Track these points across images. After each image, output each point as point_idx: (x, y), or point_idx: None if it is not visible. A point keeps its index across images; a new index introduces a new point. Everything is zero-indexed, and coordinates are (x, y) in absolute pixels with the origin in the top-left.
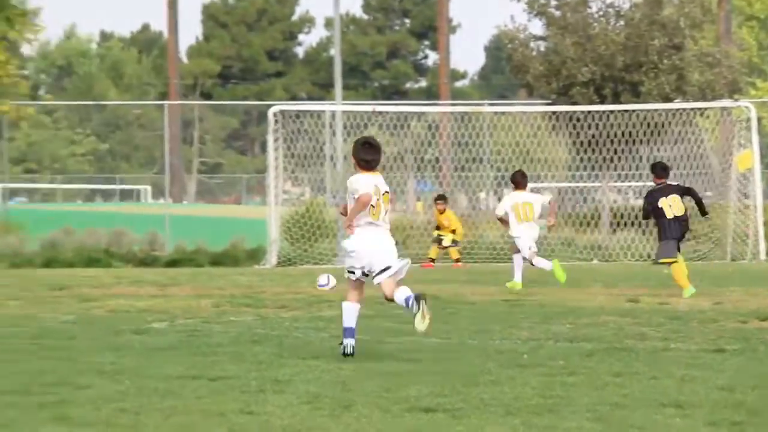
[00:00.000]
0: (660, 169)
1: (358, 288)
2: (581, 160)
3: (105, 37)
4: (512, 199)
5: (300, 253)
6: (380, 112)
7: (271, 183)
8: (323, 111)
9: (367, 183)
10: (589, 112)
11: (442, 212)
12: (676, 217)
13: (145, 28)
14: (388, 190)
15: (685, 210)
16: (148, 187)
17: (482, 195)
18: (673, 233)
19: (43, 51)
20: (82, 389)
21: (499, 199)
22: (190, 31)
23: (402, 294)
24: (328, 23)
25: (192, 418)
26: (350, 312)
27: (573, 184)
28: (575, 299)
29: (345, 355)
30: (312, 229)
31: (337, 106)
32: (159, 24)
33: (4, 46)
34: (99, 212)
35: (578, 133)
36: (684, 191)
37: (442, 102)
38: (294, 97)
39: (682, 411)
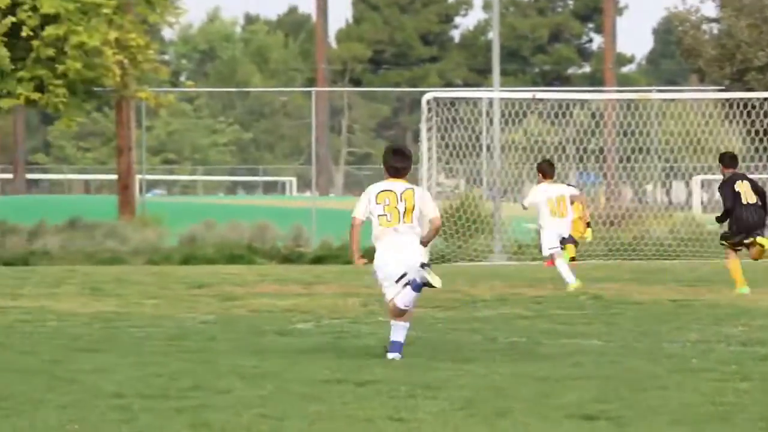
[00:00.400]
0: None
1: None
2: (756, 150)
3: (250, 20)
4: (545, 192)
5: (454, 250)
6: (540, 100)
7: (424, 175)
8: (480, 98)
9: (364, 201)
10: (766, 99)
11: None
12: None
13: (293, 10)
14: (410, 186)
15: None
16: (293, 179)
17: (649, 188)
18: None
19: (184, 35)
20: (221, 393)
21: (668, 192)
22: (340, 13)
23: (401, 294)
24: (486, 5)
25: (337, 424)
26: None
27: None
28: (749, 299)
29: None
30: (467, 223)
31: (494, 93)
32: (307, 6)
33: (144, 30)
34: (241, 205)
35: (753, 122)
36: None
37: (607, 89)
38: (449, 84)
39: None
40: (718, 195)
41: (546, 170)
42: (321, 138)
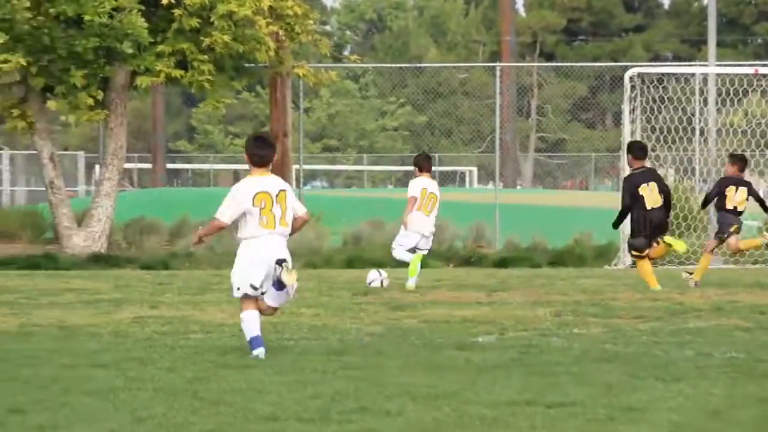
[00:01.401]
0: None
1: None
2: None
3: None
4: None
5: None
6: (764, 75)
7: (626, 163)
8: (692, 74)
9: (233, 204)
10: None
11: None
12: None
13: None
14: (284, 188)
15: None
16: (474, 169)
17: None
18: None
19: (349, 3)
20: (390, 416)
21: None
22: None
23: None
24: None
25: None
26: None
27: None
28: None
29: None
30: (677, 220)
31: (709, 68)
32: None
33: None
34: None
35: None
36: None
37: None
38: (656, 58)
39: None
40: None
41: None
42: (506, 121)
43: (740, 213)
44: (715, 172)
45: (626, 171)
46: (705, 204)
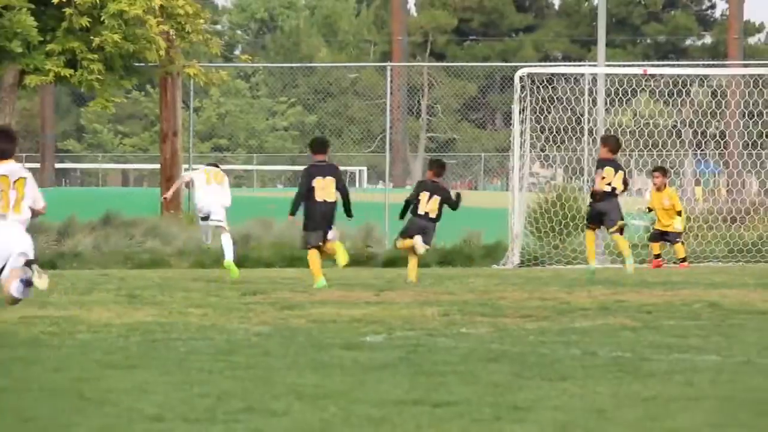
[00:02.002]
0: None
1: None
2: None
3: None
4: None
5: (549, 251)
6: (653, 76)
7: (516, 164)
8: (582, 74)
9: None
10: None
11: (660, 189)
12: None
13: None
14: (24, 175)
15: None
16: (364, 169)
17: None
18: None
19: (240, 2)
20: (277, 416)
21: None
22: None
23: (14, 284)
24: None
25: None
26: None
27: None
28: None
29: None
30: (564, 220)
31: (599, 68)
32: None
33: None
34: None
35: None
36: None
37: (731, 63)
38: (546, 58)
39: None
40: None
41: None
42: (397, 121)
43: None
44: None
45: (516, 171)
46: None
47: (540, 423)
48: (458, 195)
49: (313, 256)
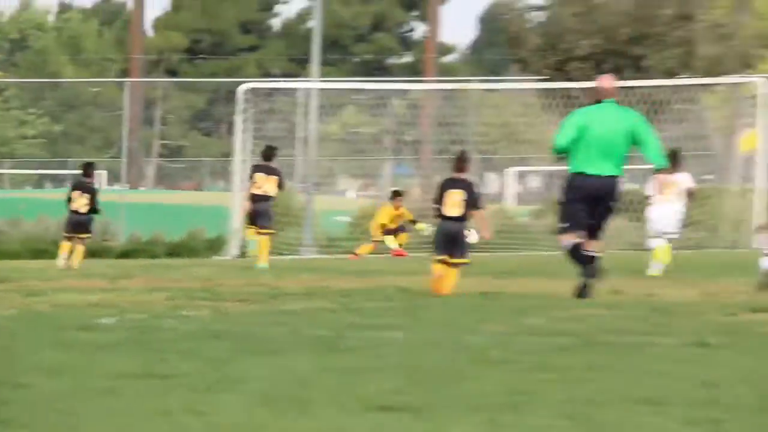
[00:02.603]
0: None
1: None
2: None
3: (63, 8)
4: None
5: None
6: (359, 90)
7: (237, 167)
8: (297, 89)
9: None
10: (586, 88)
11: (398, 209)
12: None
13: None
14: None
15: None
16: (103, 172)
17: None
18: None
19: None
20: (22, 389)
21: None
22: (157, 2)
23: None
24: None
25: (135, 418)
26: None
27: (564, 168)
28: (555, 290)
29: None
30: (278, 217)
31: (312, 83)
32: None
33: None
34: (50, 199)
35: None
36: None
37: (426, 79)
38: (267, 74)
39: (658, 408)
40: (532, 185)
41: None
42: (133, 130)
43: None
44: (317, 176)
45: (237, 174)
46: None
47: (250, 392)
48: None
49: None
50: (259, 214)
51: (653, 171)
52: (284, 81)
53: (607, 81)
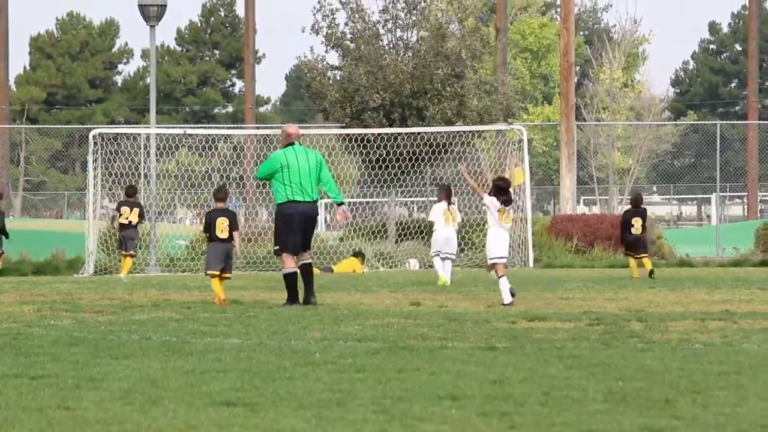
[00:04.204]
0: None
1: None
2: (371, 177)
3: None
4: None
5: (115, 263)
6: (191, 135)
7: (90, 199)
8: (139, 134)
9: None
10: (379, 134)
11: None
12: None
13: None
14: None
15: None
16: None
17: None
18: None
19: None
20: None
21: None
22: (19, 60)
23: None
24: (145, 54)
25: (12, 413)
26: None
27: (363, 199)
28: (364, 303)
29: None
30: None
31: (151, 129)
32: None
33: None
34: None
35: (369, 153)
36: None
37: (247, 125)
38: (113, 122)
39: (457, 403)
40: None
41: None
42: (2, 168)
43: None
44: (156, 206)
45: (90, 204)
46: None
47: (110, 390)
48: None
49: None
50: (126, 239)
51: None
52: (128, 127)
53: (293, 128)
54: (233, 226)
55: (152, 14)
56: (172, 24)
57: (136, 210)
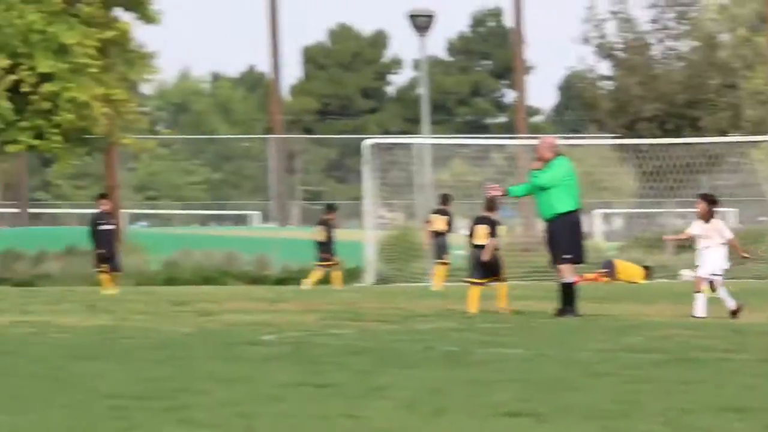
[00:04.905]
0: None
1: None
2: (645, 188)
3: (215, 77)
4: None
5: (395, 273)
6: (464, 145)
7: (368, 209)
8: (412, 144)
9: None
10: (653, 144)
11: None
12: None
13: (251, 69)
14: None
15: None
16: (257, 213)
17: None
18: None
19: (160, 90)
20: (201, 394)
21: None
22: (292, 71)
23: None
24: (416, 65)
25: (300, 421)
26: None
27: (640, 210)
28: (646, 314)
29: None
30: (405, 250)
31: (425, 139)
32: (263, 66)
33: (126, 86)
34: (213, 236)
35: (642, 164)
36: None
37: (519, 136)
38: (386, 132)
39: (742, 415)
40: (615, 226)
41: None
42: (279, 178)
43: None
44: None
45: (368, 214)
46: None
47: (394, 399)
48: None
49: None
50: (436, 247)
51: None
52: (401, 137)
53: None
54: (491, 234)
55: (422, 24)
56: (441, 34)
57: (444, 219)
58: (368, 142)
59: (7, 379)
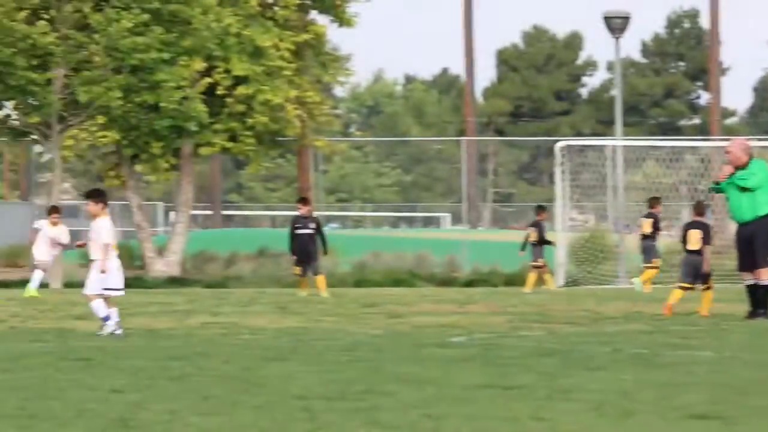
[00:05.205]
0: None
1: None
2: None
3: (409, 80)
4: None
5: (585, 275)
6: (656, 147)
7: (559, 211)
8: (605, 146)
9: None
10: None
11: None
12: None
13: (445, 71)
14: None
15: None
16: (448, 215)
17: None
18: None
19: (353, 92)
20: (389, 396)
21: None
22: (485, 74)
23: None
24: (610, 67)
25: (489, 423)
26: None
27: None
28: None
29: None
30: (595, 252)
31: (618, 141)
32: (457, 68)
33: (319, 89)
34: (404, 237)
35: None
36: None
37: (713, 137)
38: (578, 134)
39: None
40: None
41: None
42: (470, 180)
43: None
44: (623, 218)
45: (559, 216)
46: None
47: (582, 401)
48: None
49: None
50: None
51: None
52: (594, 139)
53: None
54: (706, 239)
55: (617, 26)
56: (636, 36)
57: (649, 221)
58: (560, 144)
59: (197, 380)
